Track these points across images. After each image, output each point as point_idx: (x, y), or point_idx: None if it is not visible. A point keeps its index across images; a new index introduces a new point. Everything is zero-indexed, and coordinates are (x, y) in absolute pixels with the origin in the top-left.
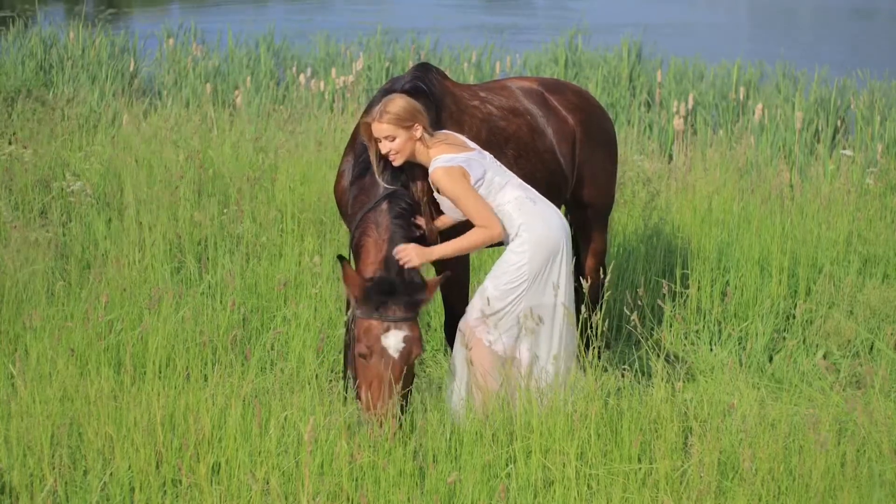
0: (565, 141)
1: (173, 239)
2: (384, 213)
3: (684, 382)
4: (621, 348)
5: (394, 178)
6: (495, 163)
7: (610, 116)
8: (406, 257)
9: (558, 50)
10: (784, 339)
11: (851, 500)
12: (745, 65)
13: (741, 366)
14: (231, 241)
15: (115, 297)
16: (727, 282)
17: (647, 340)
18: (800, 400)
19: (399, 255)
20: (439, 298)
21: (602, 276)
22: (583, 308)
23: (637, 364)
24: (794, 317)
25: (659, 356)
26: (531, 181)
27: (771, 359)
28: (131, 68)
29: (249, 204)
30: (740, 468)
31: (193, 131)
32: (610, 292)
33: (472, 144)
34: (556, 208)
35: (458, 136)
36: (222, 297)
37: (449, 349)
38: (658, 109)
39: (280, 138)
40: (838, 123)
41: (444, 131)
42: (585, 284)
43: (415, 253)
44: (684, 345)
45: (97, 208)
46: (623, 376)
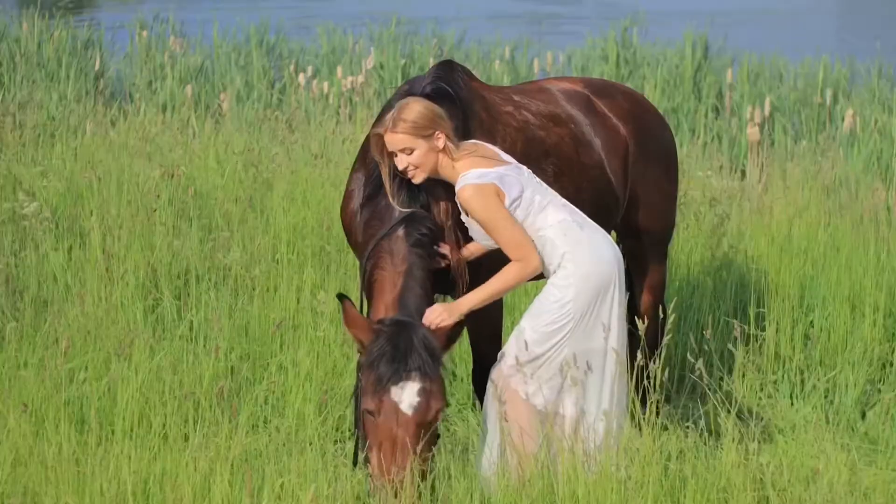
0: (616, 155)
1: (147, 271)
2: (400, 240)
3: (760, 443)
4: (684, 402)
5: (411, 199)
6: (534, 179)
7: (669, 125)
8: (437, 320)
9: (608, 45)
10: (879, 391)
11: None
12: (832, 62)
13: (828, 423)
14: (217, 274)
15: (77, 342)
16: (811, 323)
17: (715, 393)
18: None
19: (428, 321)
20: (466, 342)
21: (661, 316)
22: (638, 354)
23: (703, 421)
24: (891, 364)
25: (729, 412)
26: (576, 202)
27: (864, 415)
28: (97, 66)
29: (238, 229)
30: None
31: (171, 142)
32: (671, 335)
33: (506, 157)
34: (606, 235)
35: (489, 146)
36: (206, 342)
37: (478, 403)
38: (728, 116)
39: (275, 151)
40: None
41: (472, 141)
42: (641, 326)
43: (445, 315)
44: (760, 398)
45: (56, 234)
46: (686, 436)
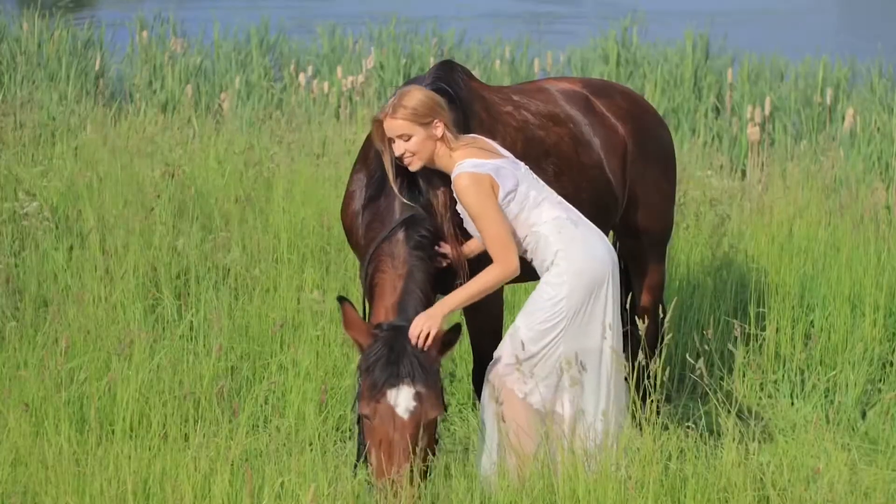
0: (615, 154)
1: (147, 271)
2: (400, 243)
3: (760, 443)
4: (685, 402)
5: (412, 199)
6: (531, 175)
7: (667, 125)
8: (422, 331)
9: (608, 44)
10: (880, 391)
11: None
12: (833, 62)
13: (828, 423)
14: (217, 274)
15: (77, 341)
16: (811, 322)
17: (715, 393)
18: None
19: (413, 336)
20: (466, 342)
21: (661, 316)
22: (639, 353)
23: (704, 421)
24: (891, 364)
25: (730, 411)
26: (575, 202)
27: (864, 415)
28: (97, 66)
29: (238, 229)
30: None
31: (172, 142)
32: (671, 335)
33: (503, 151)
34: (601, 233)
35: (487, 140)
36: (206, 341)
37: (478, 403)
38: (729, 116)
39: (275, 151)
40: None
41: (471, 135)
42: (642, 326)
43: (428, 323)
44: (760, 398)
45: (56, 234)
46: (687, 435)
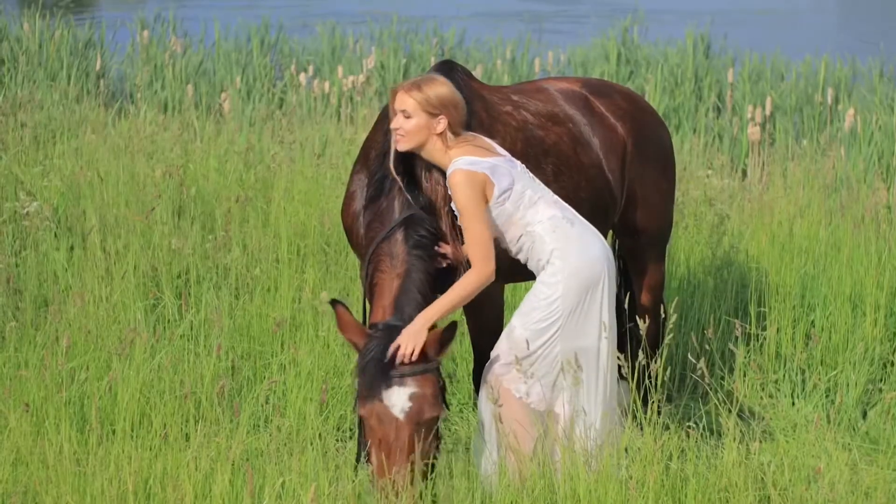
0: (614, 154)
1: (148, 271)
2: (399, 243)
3: (761, 443)
4: (685, 402)
5: (412, 198)
6: (527, 174)
7: (666, 125)
8: (407, 350)
9: (609, 44)
10: (881, 390)
11: None
12: (833, 61)
13: (829, 423)
14: (217, 274)
15: (77, 341)
16: (812, 322)
17: (716, 392)
18: None
19: (401, 356)
20: (467, 342)
21: (662, 316)
22: (639, 353)
23: (704, 421)
24: (892, 364)
25: (731, 411)
26: (574, 201)
27: (865, 414)
28: (98, 66)
29: (239, 229)
30: None
31: (172, 142)
32: (672, 335)
33: (500, 150)
34: (597, 232)
35: (486, 139)
36: (207, 341)
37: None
38: (730, 115)
39: (276, 151)
40: None
41: (470, 133)
42: (642, 325)
43: (412, 341)
44: (761, 398)
45: (56, 234)
46: (688, 435)
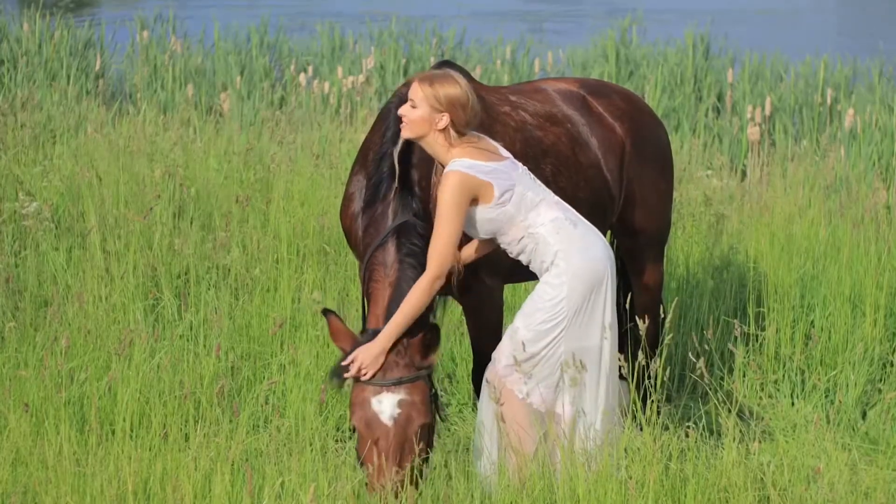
0: (612, 154)
1: (147, 271)
2: (391, 251)
3: (760, 443)
4: (685, 402)
5: (405, 205)
6: (528, 176)
7: (665, 125)
8: (358, 368)
9: (608, 44)
10: (880, 391)
11: None
12: (833, 62)
13: (829, 423)
14: (217, 274)
15: (77, 341)
16: (811, 323)
17: (715, 392)
18: None
19: (351, 370)
20: (466, 342)
21: (661, 316)
22: (639, 354)
23: (704, 421)
24: (892, 364)
25: (730, 411)
26: (572, 201)
27: (864, 415)
28: (97, 66)
29: (238, 229)
30: None
31: (172, 142)
32: (671, 335)
33: (504, 153)
34: (598, 233)
35: (491, 141)
36: (206, 341)
37: (477, 403)
38: (729, 116)
39: (275, 151)
40: None
41: (475, 134)
42: (642, 325)
43: (364, 362)
44: (760, 398)
45: (56, 234)
46: (687, 435)
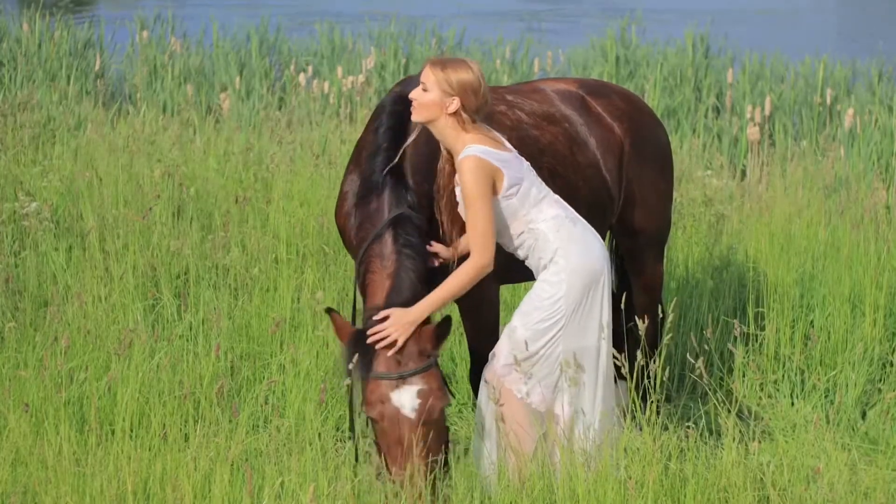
0: (611, 154)
1: (147, 271)
2: (388, 243)
3: (760, 443)
4: (684, 402)
5: (399, 198)
6: (532, 172)
7: (664, 125)
8: (387, 335)
9: (608, 44)
10: (880, 391)
11: None
12: (833, 62)
13: (828, 423)
14: (216, 274)
15: (76, 341)
16: (811, 323)
17: (715, 392)
18: None
19: (376, 336)
20: (466, 343)
21: (660, 316)
22: (638, 354)
23: (703, 421)
24: (892, 364)
25: (730, 411)
26: (570, 201)
27: (864, 415)
28: (97, 66)
29: (238, 229)
30: None
31: (171, 142)
32: (671, 335)
33: (509, 146)
34: (596, 233)
35: (498, 135)
36: (206, 341)
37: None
38: (729, 116)
39: (275, 151)
40: None
41: (486, 126)
42: (641, 325)
43: (395, 326)
44: (760, 398)
45: (56, 234)
46: (687, 435)
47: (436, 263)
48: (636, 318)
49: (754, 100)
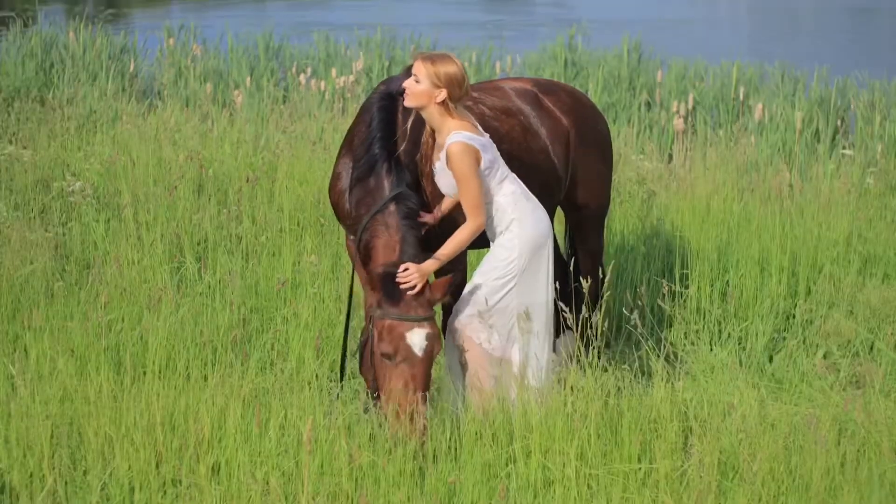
0: (559, 142)
1: (172, 239)
2: (393, 214)
3: (684, 382)
4: (621, 348)
5: (400, 178)
6: (499, 154)
7: (605, 117)
8: (409, 278)
9: (557, 49)
10: (784, 339)
11: (851, 499)
12: (745, 64)
13: (741, 366)
14: (230, 241)
15: (114, 297)
16: (727, 282)
17: (647, 340)
18: (800, 400)
19: (403, 280)
20: None
21: (602, 277)
22: (583, 308)
23: (637, 364)
24: (794, 317)
25: (659, 356)
26: (525, 181)
27: (771, 359)
28: (131, 68)
29: (249, 204)
30: (740, 468)
31: (193, 131)
32: (609, 292)
33: (482, 131)
34: (543, 208)
35: (474, 119)
36: (222, 297)
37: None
38: (658, 110)
39: (279, 139)
40: (838, 123)
41: (464, 111)
42: (585, 285)
43: (417, 272)
44: (684, 345)
45: (97, 208)
46: (623, 376)
47: (422, 232)
48: (581, 278)
49: (679, 96)
